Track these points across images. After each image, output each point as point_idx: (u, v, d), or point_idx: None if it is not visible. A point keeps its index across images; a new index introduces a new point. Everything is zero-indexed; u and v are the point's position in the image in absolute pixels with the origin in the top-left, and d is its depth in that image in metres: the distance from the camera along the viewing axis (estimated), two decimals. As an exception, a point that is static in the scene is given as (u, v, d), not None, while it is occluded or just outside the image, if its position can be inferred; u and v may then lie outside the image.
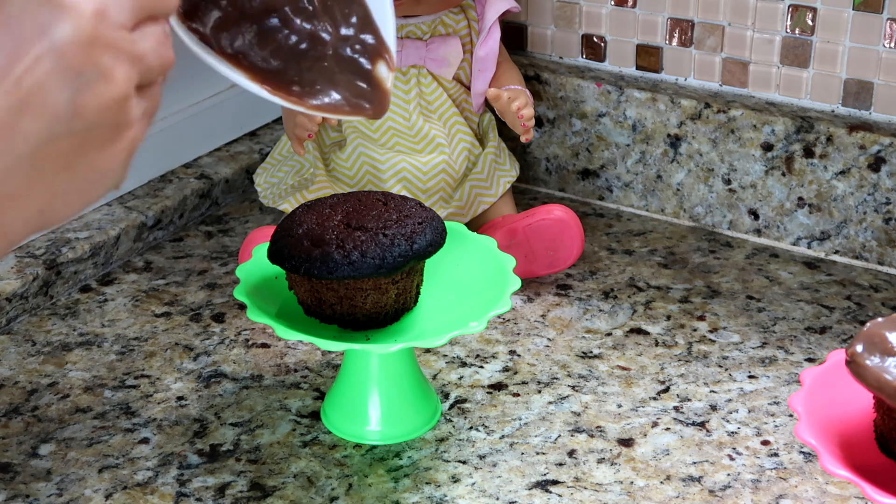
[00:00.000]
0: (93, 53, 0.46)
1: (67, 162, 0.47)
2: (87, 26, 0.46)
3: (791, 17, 0.97)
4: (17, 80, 0.45)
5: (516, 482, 0.73)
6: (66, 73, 0.46)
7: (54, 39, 0.45)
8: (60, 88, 0.46)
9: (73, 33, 0.46)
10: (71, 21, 0.46)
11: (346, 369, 0.76)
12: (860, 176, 0.95)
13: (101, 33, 0.47)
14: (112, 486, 0.72)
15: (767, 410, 0.79)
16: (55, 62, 0.45)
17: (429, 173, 0.93)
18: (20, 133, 0.45)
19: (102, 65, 0.47)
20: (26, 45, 0.45)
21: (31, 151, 0.46)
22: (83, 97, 0.46)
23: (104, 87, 0.47)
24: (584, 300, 0.92)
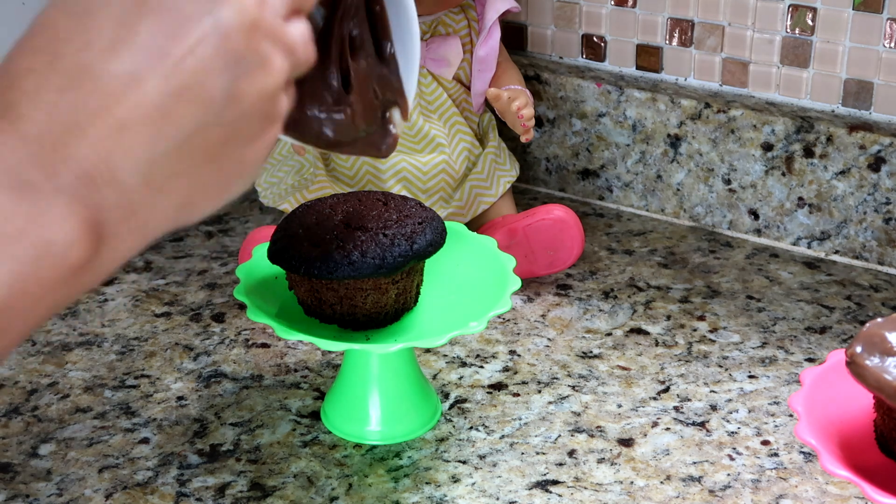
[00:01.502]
0: (254, 39, 0.45)
1: (214, 153, 0.45)
2: (251, 11, 0.44)
3: (791, 17, 0.97)
4: (177, 63, 0.43)
5: (516, 482, 0.73)
6: (228, 58, 0.44)
7: (219, 22, 0.44)
8: (220, 74, 0.44)
9: (237, 17, 0.44)
10: (234, 4, 0.44)
11: (346, 369, 0.76)
12: (860, 176, 0.95)
13: (263, 19, 0.45)
14: (112, 486, 0.72)
15: (767, 410, 0.79)
16: (217, 46, 0.44)
17: (429, 173, 0.93)
18: (175, 119, 0.43)
19: (262, 52, 0.45)
20: (188, 27, 0.43)
21: (182, 140, 0.44)
22: (241, 84, 0.45)
23: (262, 76, 0.45)
24: (584, 300, 0.92)
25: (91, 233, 0.43)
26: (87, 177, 0.42)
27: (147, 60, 0.43)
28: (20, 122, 0.42)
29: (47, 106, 0.42)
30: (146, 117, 0.43)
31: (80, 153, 0.42)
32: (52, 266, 0.42)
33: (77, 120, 0.42)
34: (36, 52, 0.43)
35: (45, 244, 0.41)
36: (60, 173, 0.42)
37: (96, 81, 0.43)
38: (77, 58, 0.43)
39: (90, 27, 0.43)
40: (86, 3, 0.44)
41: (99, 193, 0.43)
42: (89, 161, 0.42)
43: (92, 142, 0.42)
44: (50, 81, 0.42)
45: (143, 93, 0.43)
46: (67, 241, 0.42)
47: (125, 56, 0.43)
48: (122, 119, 0.43)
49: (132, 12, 0.43)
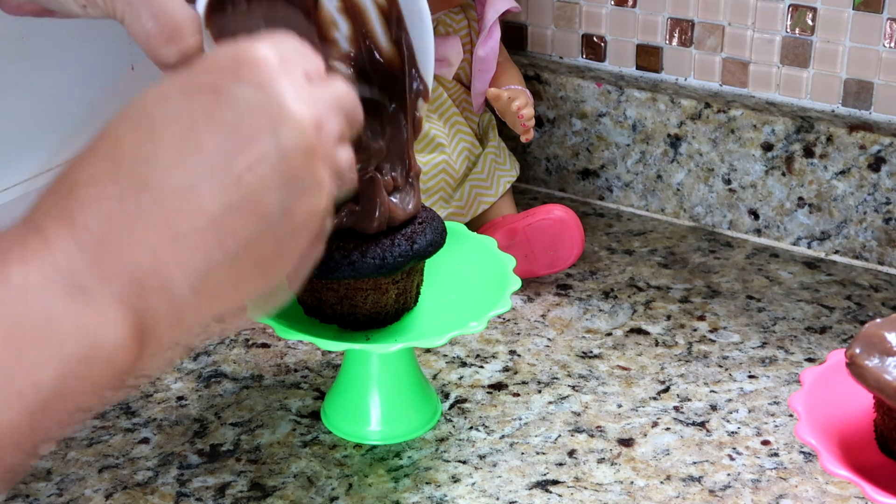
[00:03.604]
0: (311, 161, 0.46)
1: (263, 264, 0.47)
2: (310, 135, 0.46)
3: (791, 17, 0.97)
4: (237, 177, 0.45)
5: (516, 482, 0.73)
6: (285, 177, 0.46)
7: (279, 143, 0.45)
8: (276, 191, 0.45)
9: (296, 139, 0.46)
10: (296, 127, 0.46)
11: (346, 369, 0.76)
12: (860, 176, 0.95)
13: (320, 144, 0.47)
14: (112, 485, 0.72)
15: (767, 410, 0.79)
16: (276, 165, 0.45)
17: (429, 173, 0.93)
18: (229, 232, 0.45)
19: (318, 174, 0.47)
20: (250, 144, 0.45)
21: (235, 252, 0.45)
22: (295, 203, 0.46)
23: (315, 197, 0.47)
24: (584, 300, 0.92)
25: (137, 338, 0.44)
26: (139, 284, 0.44)
27: (207, 174, 0.44)
28: (76, 229, 0.43)
29: (104, 214, 0.43)
30: (202, 229, 0.44)
31: (132, 261, 0.43)
32: (97, 369, 0.43)
33: (133, 229, 0.43)
34: (98, 161, 0.45)
35: (93, 347, 0.43)
36: (112, 280, 0.43)
37: (155, 193, 0.44)
38: (138, 169, 0.44)
39: (154, 140, 0.45)
40: (152, 118, 0.45)
41: (148, 301, 0.44)
42: (141, 269, 0.44)
43: (146, 250, 0.44)
44: (108, 191, 0.44)
45: (201, 205, 0.44)
46: (114, 345, 0.43)
47: (185, 169, 0.44)
48: (178, 229, 0.44)
49: (197, 127, 0.45)
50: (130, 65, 1.00)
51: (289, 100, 0.46)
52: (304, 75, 0.48)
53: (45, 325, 0.42)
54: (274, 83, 0.46)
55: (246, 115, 0.45)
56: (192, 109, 0.45)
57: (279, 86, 0.46)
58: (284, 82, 0.46)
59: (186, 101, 0.45)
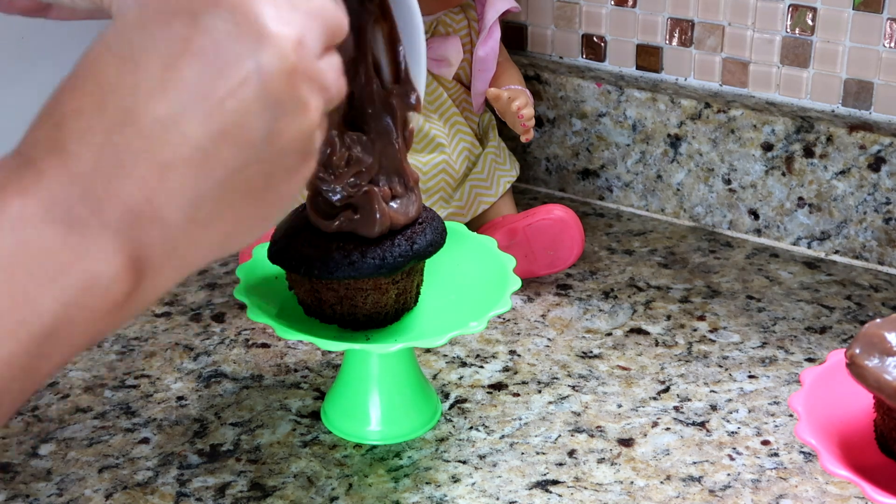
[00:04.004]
0: (293, 82, 0.46)
1: (254, 189, 0.47)
2: (291, 55, 0.46)
3: (791, 17, 0.97)
4: (219, 104, 0.45)
5: (516, 482, 0.73)
6: (268, 101, 0.46)
7: (260, 66, 0.45)
8: (260, 115, 0.46)
9: (277, 62, 0.46)
10: (275, 49, 0.46)
11: (346, 369, 0.76)
12: (860, 176, 0.95)
13: (301, 63, 0.47)
14: (112, 486, 0.72)
15: (767, 410, 0.79)
16: (259, 89, 0.45)
17: (429, 173, 0.93)
18: (216, 159, 0.45)
19: (301, 94, 0.47)
20: (230, 70, 0.45)
21: (223, 178, 0.46)
22: (280, 125, 0.46)
23: (301, 117, 0.47)
24: (584, 300, 0.92)
25: (134, 268, 0.45)
26: (132, 214, 0.44)
27: (189, 103, 0.45)
28: (69, 160, 0.44)
29: (94, 146, 0.44)
30: (188, 158, 0.45)
31: (125, 191, 0.44)
32: (96, 298, 0.44)
33: (122, 160, 0.44)
34: (84, 94, 0.45)
35: (91, 277, 0.43)
36: (106, 210, 0.44)
37: (140, 124, 0.44)
38: (123, 101, 0.44)
39: (136, 70, 0.45)
40: (132, 45, 0.45)
41: (143, 230, 0.44)
42: (134, 199, 0.44)
43: (136, 181, 0.44)
44: (97, 123, 0.44)
45: (186, 134, 0.45)
46: (111, 275, 0.44)
47: (168, 99, 0.44)
48: (166, 159, 0.44)
49: (176, 56, 0.45)
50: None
51: (267, 20, 0.46)
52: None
53: (43, 256, 0.43)
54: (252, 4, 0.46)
55: (224, 39, 0.45)
56: (170, 36, 0.45)
57: (256, 6, 0.46)
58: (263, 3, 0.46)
59: (165, 27, 0.45)
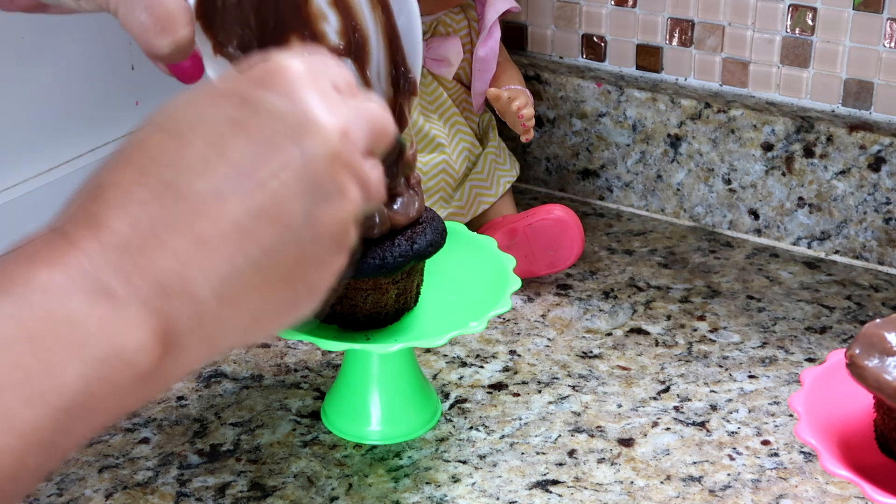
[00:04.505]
0: (335, 169, 0.47)
1: (286, 274, 0.47)
2: (334, 142, 0.46)
3: (791, 17, 0.97)
4: (261, 183, 0.45)
5: (516, 482, 0.73)
6: (309, 185, 0.46)
7: (304, 150, 0.46)
8: (301, 198, 0.46)
9: (321, 147, 0.46)
10: (320, 135, 0.46)
11: (347, 369, 0.76)
12: (860, 176, 0.95)
13: (345, 152, 0.47)
14: (112, 485, 0.72)
15: (767, 410, 0.79)
16: (301, 172, 0.46)
17: (429, 173, 0.93)
18: (253, 238, 0.45)
19: (341, 181, 0.47)
20: (274, 151, 0.45)
21: (258, 258, 0.45)
22: (319, 211, 0.46)
23: (339, 205, 0.47)
24: (584, 300, 0.92)
25: (160, 342, 0.44)
26: (161, 287, 0.44)
27: (231, 180, 0.45)
28: (101, 231, 0.43)
29: (129, 218, 0.44)
30: (225, 234, 0.45)
31: (157, 264, 0.44)
32: (120, 371, 0.43)
33: (157, 232, 0.44)
34: (124, 167, 0.45)
35: (116, 350, 0.43)
36: (136, 281, 0.43)
37: (179, 197, 0.44)
38: (163, 173, 0.44)
39: (181, 145, 0.45)
40: (181, 123, 0.46)
41: (171, 304, 0.44)
42: (165, 272, 0.44)
43: (170, 254, 0.44)
44: (135, 195, 0.44)
45: (225, 210, 0.44)
46: (137, 348, 0.43)
47: (210, 174, 0.45)
48: (202, 234, 0.44)
49: (223, 134, 0.45)
50: (130, 65, 1.00)
51: (314, 107, 0.46)
52: (332, 86, 0.49)
53: (68, 327, 0.42)
54: (300, 91, 0.46)
55: (271, 122, 0.46)
56: (218, 116, 0.46)
57: (305, 93, 0.47)
58: (311, 90, 0.47)
59: (214, 108, 0.46)
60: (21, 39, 0.92)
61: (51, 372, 0.41)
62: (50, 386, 0.41)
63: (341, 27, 0.66)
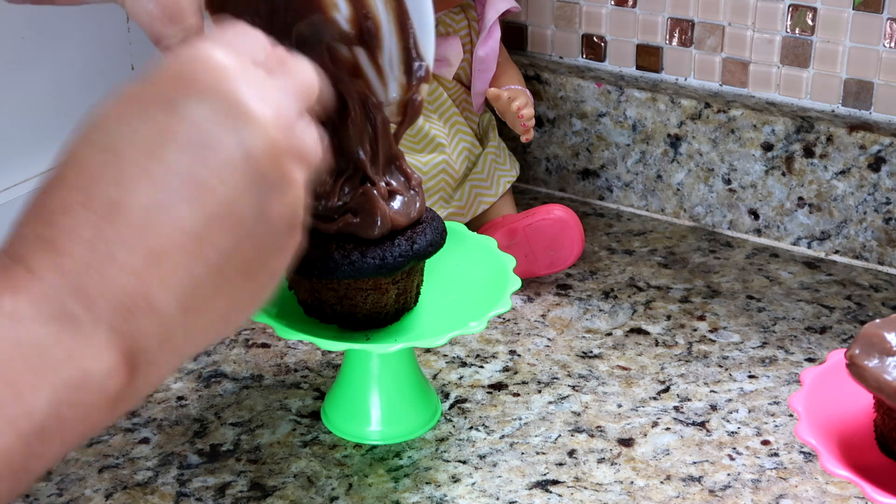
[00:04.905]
0: (278, 160, 0.46)
1: (248, 268, 0.46)
2: (272, 132, 0.46)
3: (791, 17, 0.97)
4: (207, 188, 0.44)
5: (516, 482, 0.73)
6: (255, 180, 0.45)
7: (244, 147, 0.45)
8: (249, 195, 0.45)
9: (259, 140, 0.45)
10: (259, 129, 0.45)
11: (347, 369, 0.76)
12: (860, 176, 0.95)
13: (284, 139, 0.46)
14: (112, 485, 0.72)
15: (767, 410, 0.79)
16: (244, 169, 0.45)
17: (429, 173, 0.93)
18: (208, 243, 0.45)
19: (286, 170, 0.46)
20: (214, 153, 0.45)
21: (218, 261, 0.45)
22: (269, 203, 0.46)
23: (288, 192, 0.47)
24: (584, 300, 0.92)
25: (128, 363, 0.44)
26: (125, 308, 0.43)
27: (176, 189, 0.44)
28: (59, 258, 0.43)
29: (85, 241, 0.43)
30: (180, 244, 0.44)
31: (117, 285, 0.43)
32: (89, 395, 0.43)
33: (114, 253, 0.43)
34: (68, 190, 0.44)
35: (84, 374, 0.43)
36: (99, 305, 0.43)
37: (129, 215, 0.43)
38: (108, 193, 0.44)
39: (120, 162, 0.44)
40: (114, 138, 0.45)
41: (137, 323, 0.44)
42: (127, 292, 0.43)
43: (129, 273, 0.43)
44: (85, 217, 0.44)
45: (176, 221, 0.44)
46: (105, 371, 0.43)
47: (155, 187, 0.44)
48: (157, 248, 0.44)
49: (159, 144, 0.44)
50: (130, 65, 1.00)
51: (244, 99, 0.45)
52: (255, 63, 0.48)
53: (35, 354, 0.42)
54: (227, 84, 0.45)
55: (205, 123, 0.45)
56: (151, 126, 0.45)
57: (232, 86, 0.45)
58: (236, 81, 0.46)
59: (145, 118, 0.45)
60: (21, 39, 0.92)
61: (21, 399, 0.41)
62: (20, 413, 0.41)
63: (352, 15, 0.66)
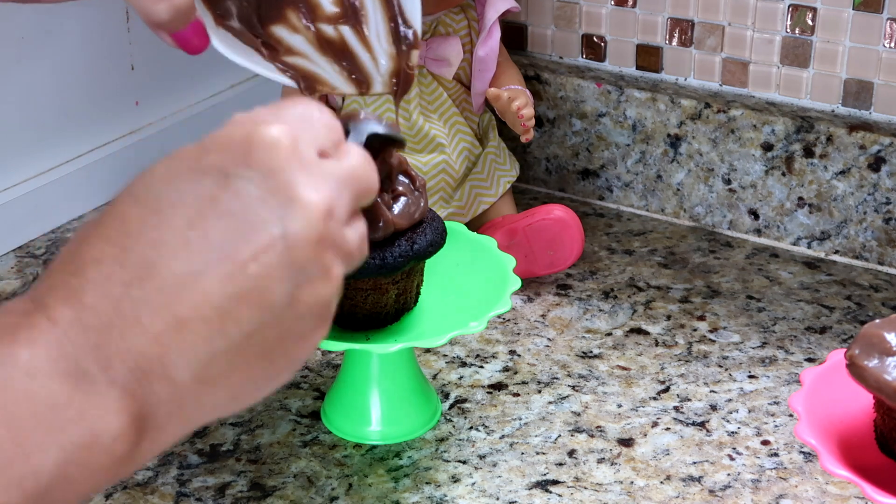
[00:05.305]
0: (318, 251, 0.46)
1: (269, 351, 0.46)
2: (318, 223, 0.45)
3: (791, 17, 0.97)
4: (241, 266, 0.44)
5: (516, 482, 0.73)
6: (292, 267, 0.45)
7: (287, 232, 0.45)
8: (282, 281, 0.45)
9: (304, 229, 0.45)
10: (304, 216, 0.45)
11: (347, 369, 0.76)
12: (860, 176, 0.95)
13: (329, 231, 0.46)
14: (112, 485, 0.72)
15: (767, 410, 0.79)
16: (283, 254, 0.45)
17: (429, 173, 0.93)
18: (233, 320, 0.44)
19: (325, 263, 0.46)
20: (256, 233, 0.44)
21: (239, 340, 0.45)
22: (302, 292, 0.46)
23: (322, 284, 0.46)
24: (584, 300, 0.92)
25: (137, 427, 0.44)
26: (141, 371, 0.43)
27: (212, 262, 0.44)
28: (83, 311, 0.43)
29: (111, 299, 0.43)
30: (205, 317, 0.44)
31: (136, 347, 0.43)
32: (96, 455, 0.43)
33: (139, 315, 0.43)
34: (105, 242, 0.44)
35: (93, 435, 0.42)
36: (116, 365, 0.43)
37: (160, 279, 0.43)
38: (145, 254, 0.44)
39: (161, 224, 0.44)
40: (159, 199, 0.45)
41: (150, 388, 0.44)
42: (145, 356, 0.43)
43: (150, 337, 0.43)
44: (116, 275, 0.43)
45: (205, 293, 0.44)
46: (114, 433, 0.43)
47: (191, 256, 0.44)
48: (182, 317, 0.43)
49: (203, 214, 0.44)
50: (130, 65, 1.00)
51: (297, 186, 0.45)
52: (316, 150, 0.47)
53: (47, 411, 0.42)
54: (284, 168, 0.45)
55: (252, 202, 0.45)
56: (199, 193, 0.44)
57: (288, 171, 0.45)
58: (294, 167, 0.46)
59: (194, 184, 0.45)
60: (21, 39, 0.92)
61: (28, 458, 0.41)
62: (27, 472, 0.41)
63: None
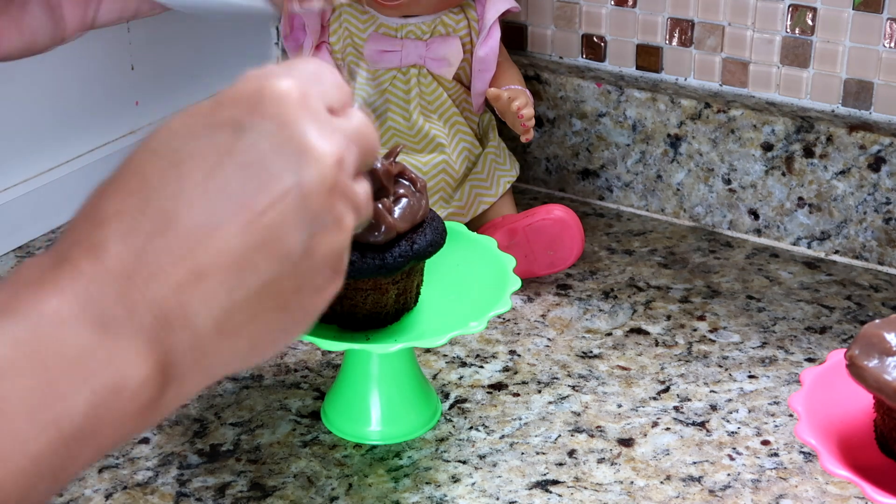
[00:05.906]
0: (331, 199, 0.47)
1: (283, 303, 0.47)
2: (331, 172, 0.47)
3: (791, 17, 0.97)
4: (258, 216, 0.45)
5: (516, 482, 0.73)
6: (306, 215, 0.46)
7: (301, 181, 0.46)
8: (298, 229, 0.46)
9: (318, 177, 0.46)
10: (317, 165, 0.46)
11: (346, 369, 0.76)
12: (860, 176, 0.95)
13: (341, 180, 0.47)
14: (112, 486, 0.72)
15: (767, 410, 0.79)
16: (298, 203, 0.46)
17: (429, 173, 0.93)
18: (252, 270, 0.45)
19: (337, 211, 0.47)
20: (271, 182, 0.45)
21: (257, 289, 0.46)
22: (316, 241, 0.47)
23: (335, 233, 0.48)
24: (584, 300, 0.92)
25: (161, 374, 0.44)
26: (165, 319, 0.44)
27: (230, 212, 0.45)
28: (108, 260, 0.44)
29: (134, 249, 0.44)
30: (224, 266, 0.45)
31: (160, 296, 0.44)
32: (124, 401, 0.44)
33: (161, 264, 0.44)
34: (127, 195, 0.45)
35: (121, 380, 0.43)
36: (140, 313, 0.44)
37: (180, 230, 0.44)
38: (165, 205, 0.45)
39: (180, 176, 0.45)
40: (178, 152, 0.46)
41: (173, 336, 0.44)
42: (168, 304, 0.44)
43: (172, 286, 0.44)
44: (139, 226, 0.44)
45: (224, 243, 0.45)
46: (140, 379, 0.44)
47: (210, 207, 0.45)
48: (202, 267, 0.44)
49: (220, 165, 0.45)
50: (130, 65, 1.00)
51: (310, 136, 0.47)
52: (325, 106, 0.49)
53: (77, 356, 0.43)
54: (296, 120, 0.47)
55: (268, 152, 0.46)
56: (215, 146, 0.46)
57: (301, 122, 0.47)
58: (306, 118, 0.47)
59: (209, 137, 0.46)
60: (21, 39, 0.92)
61: (62, 400, 0.42)
62: (61, 413, 0.42)
63: None
